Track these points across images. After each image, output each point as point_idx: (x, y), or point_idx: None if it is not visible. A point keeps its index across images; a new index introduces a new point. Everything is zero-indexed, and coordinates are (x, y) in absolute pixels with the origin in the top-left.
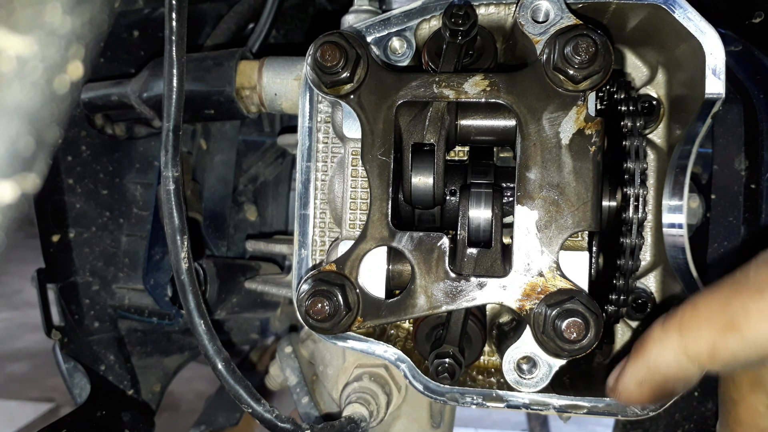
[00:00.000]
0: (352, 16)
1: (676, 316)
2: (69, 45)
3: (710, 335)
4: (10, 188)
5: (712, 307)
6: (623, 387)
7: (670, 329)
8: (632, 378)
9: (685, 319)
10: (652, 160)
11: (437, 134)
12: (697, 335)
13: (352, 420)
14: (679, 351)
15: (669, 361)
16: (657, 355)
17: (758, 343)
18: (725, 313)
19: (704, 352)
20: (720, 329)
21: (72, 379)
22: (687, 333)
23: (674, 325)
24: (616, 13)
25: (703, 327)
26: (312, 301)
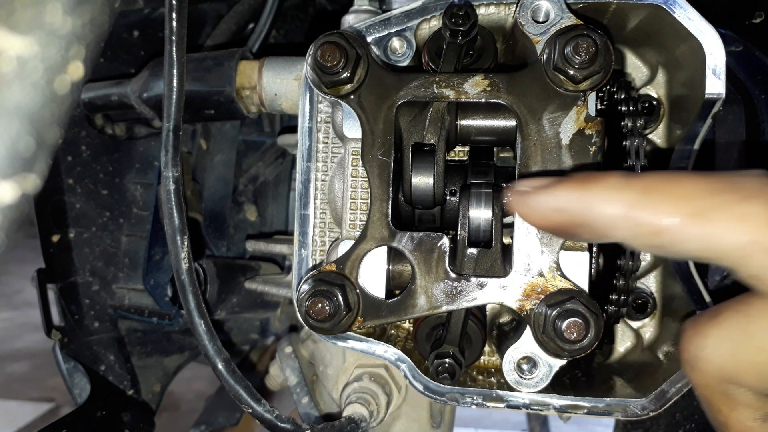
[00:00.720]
0: (352, 16)
1: (647, 176)
2: (69, 45)
3: (674, 213)
4: (11, 189)
5: (692, 186)
6: (538, 199)
7: (633, 185)
8: (557, 199)
9: (656, 185)
10: (652, 160)
11: (437, 134)
12: (659, 208)
13: (353, 420)
14: (628, 211)
15: (608, 213)
16: (603, 199)
17: (711, 244)
18: (704, 200)
19: (653, 227)
20: (688, 213)
21: (72, 379)
22: (650, 200)
23: (640, 184)
24: (616, 13)
25: (672, 203)
26: (312, 301)
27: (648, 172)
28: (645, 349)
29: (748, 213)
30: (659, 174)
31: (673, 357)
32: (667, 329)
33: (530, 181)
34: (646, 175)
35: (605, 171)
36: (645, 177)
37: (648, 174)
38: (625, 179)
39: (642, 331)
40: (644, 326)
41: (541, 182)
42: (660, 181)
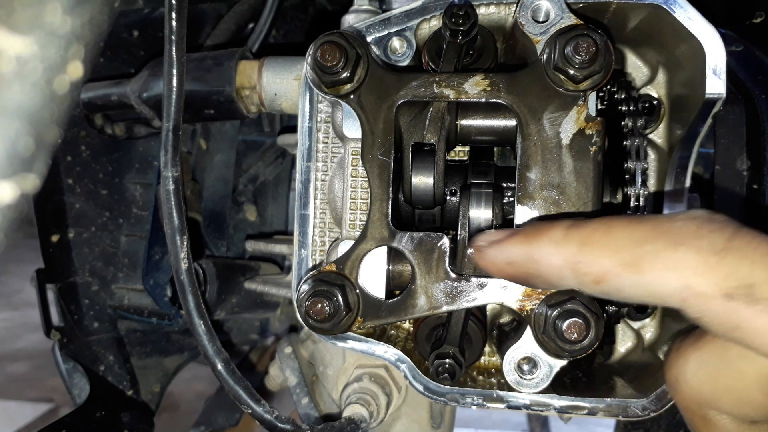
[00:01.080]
0: (352, 16)
1: (585, 228)
2: (69, 45)
3: (609, 264)
4: (10, 189)
5: (624, 237)
6: (493, 254)
7: (572, 238)
8: (508, 254)
9: (592, 237)
10: (652, 160)
11: (437, 134)
12: (595, 259)
13: (352, 421)
14: (569, 262)
15: (553, 265)
16: (546, 253)
17: (649, 291)
18: (634, 250)
19: (593, 276)
20: (621, 263)
21: (71, 380)
22: (587, 252)
23: (578, 237)
24: (617, 13)
25: (606, 254)
26: (312, 302)
27: (588, 222)
28: (646, 349)
29: (677, 259)
30: (597, 224)
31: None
32: (667, 329)
33: (487, 235)
34: (586, 226)
35: (551, 223)
36: (584, 228)
37: (587, 224)
38: (565, 232)
39: (643, 331)
40: (645, 326)
41: (495, 236)
42: (597, 231)
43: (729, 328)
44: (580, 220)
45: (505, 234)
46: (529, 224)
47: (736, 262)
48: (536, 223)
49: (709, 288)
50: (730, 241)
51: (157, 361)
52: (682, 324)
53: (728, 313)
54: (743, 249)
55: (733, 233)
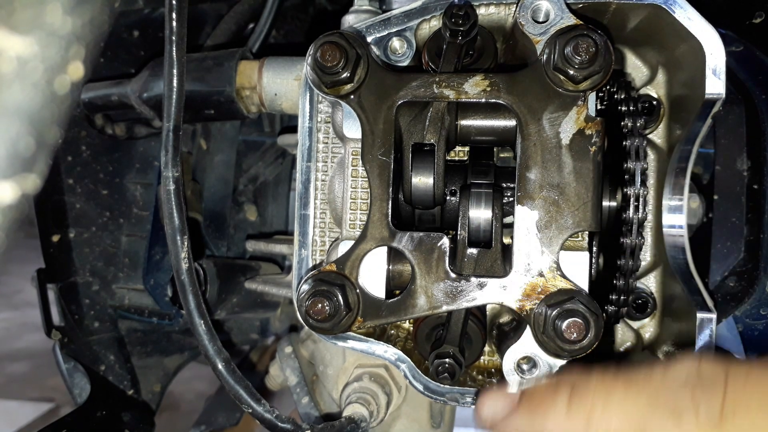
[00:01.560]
0: (353, 16)
1: (586, 400)
2: (69, 45)
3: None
4: (11, 189)
5: (626, 410)
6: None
7: (576, 413)
8: (515, 427)
9: (595, 411)
10: (652, 160)
11: (437, 134)
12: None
13: (353, 420)
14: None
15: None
16: (554, 428)
17: None
18: (639, 422)
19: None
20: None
21: (72, 379)
22: (594, 428)
23: (582, 411)
24: (616, 13)
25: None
26: (312, 302)
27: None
28: (645, 349)
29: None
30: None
31: (674, 357)
32: (667, 329)
33: (490, 402)
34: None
35: (551, 392)
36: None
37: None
38: (569, 404)
39: (642, 331)
40: (644, 326)
41: (499, 407)
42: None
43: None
44: (578, 387)
45: (508, 403)
46: (526, 394)
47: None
48: (532, 392)
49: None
50: (725, 404)
51: (158, 360)
52: (681, 324)
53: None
54: (740, 411)
55: (725, 393)
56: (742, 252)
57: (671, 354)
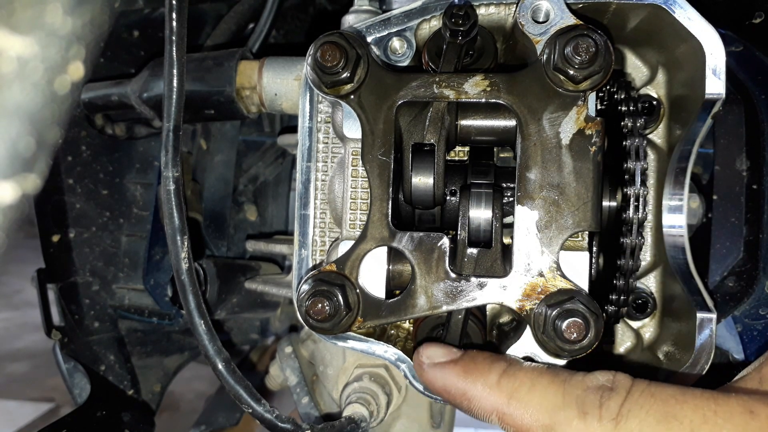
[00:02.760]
0: (353, 16)
1: (514, 381)
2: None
3: (529, 423)
4: (11, 189)
5: (544, 399)
6: (432, 375)
7: (503, 388)
8: (444, 382)
9: (519, 392)
10: (652, 160)
11: (437, 134)
12: (519, 416)
13: (353, 420)
14: (497, 411)
15: (483, 408)
16: (479, 395)
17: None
18: (551, 416)
19: (516, 429)
20: (540, 426)
21: (72, 379)
22: (513, 406)
23: (508, 388)
24: (616, 13)
25: (527, 414)
26: (312, 302)
27: (518, 373)
28: (645, 349)
29: (585, 427)
30: (525, 378)
31: (673, 357)
32: (667, 329)
33: (430, 350)
34: (515, 378)
35: (488, 362)
36: (514, 380)
37: (517, 376)
38: (498, 379)
39: (642, 331)
40: (644, 326)
41: (438, 357)
42: (523, 386)
43: None
44: (513, 366)
45: (447, 358)
46: (468, 355)
47: (627, 425)
48: (474, 356)
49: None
50: (622, 406)
51: (158, 360)
52: (681, 324)
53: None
54: (632, 411)
55: (626, 397)
56: (741, 252)
57: (671, 354)
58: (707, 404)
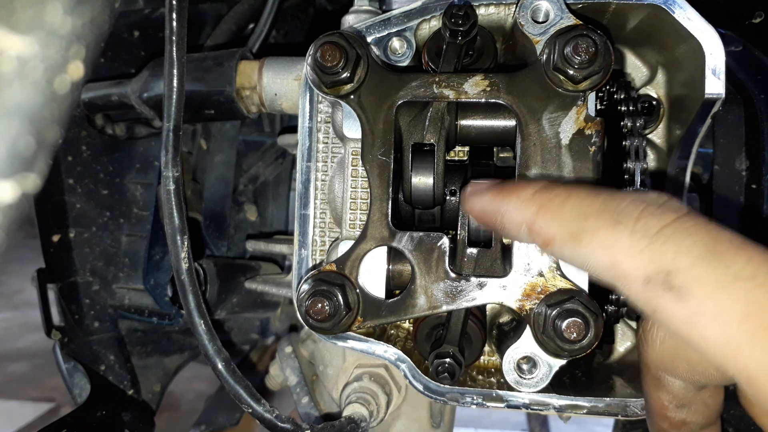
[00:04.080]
0: (352, 17)
1: (548, 193)
2: (70, 45)
3: (556, 232)
4: (11, 188)
5: (576, 208)
6: (471, 201)
7: (535, 201)
8: (482, 204)
9: (552, 203)
10: (651, 160)
11: (437, 134)
12: (547, 224)
13: (352, 420)
14: (527, 222)
15: (513, 221)
16: (511, 209)
17: (585, 263)
18: (579, 222)
19: (542, 239)
20: (566, 233)
21: (72, 379)
22: (542, 216)
23: (540, 200)
24: (616, 13)
25: (556, 222)
26: (312, 301)
27: (554, 188)
28: None
29: (611, 238)
30: (560, 191)
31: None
32: None
33: (474, 185)
34: (550, 191)
35: (527, 182)
36: (548, 193)
37: (553, 190)
38: (532, 194)
39: None
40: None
41: (479, 187)
42: (557, 198)
43: (649, 310)
44: (552, 184)
45: (487, 185)
46: (516, 181)
47: (662, 248)
48: (519, 181)
49: (632, 270)
50: (665, 227)
51: (158, 360)
52: None
53: (647, 296)
54: (675, 236)
55: (674, 219)
56: None
57: None
58: (764, 262)
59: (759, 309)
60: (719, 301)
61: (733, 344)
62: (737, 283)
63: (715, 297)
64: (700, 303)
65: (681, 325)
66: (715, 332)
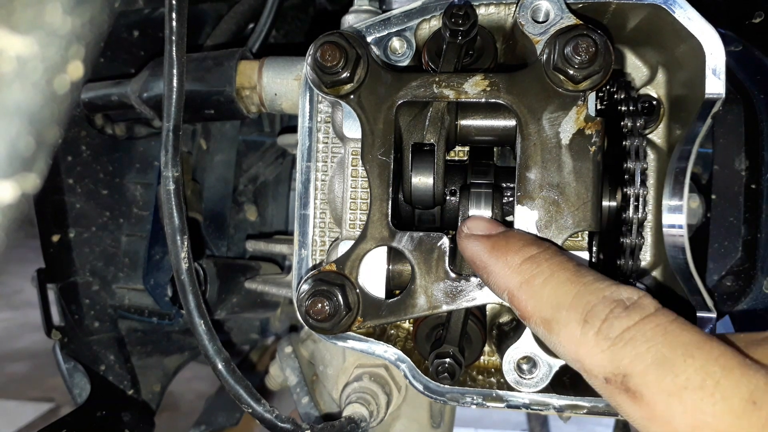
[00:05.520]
0: (352, 16)
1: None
2: (69, 45)
3: (531, 313)
4: (11, 188)
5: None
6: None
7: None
8: (472, 251)
9: (534, 281)
10: (652, 160)
11: (437, 134)
12: (525, 302)
13: (352, 420)
14: (509, 292)
15: (498, 285)
16: (497, 273)
17: (554, 348)
18: (552, 312)
19: (520, 313)
20: (540, 317)
21: (72, 379)
22: (523, 292)
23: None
24: (616, 13)
25: (533, 303)
26: (312, 301)
27: (542, 262)
28: None
29: (579, 335)
30: (546, 268)
31: None
32: None
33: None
34: (537, 266)
35: (517, 243)
36: (534, 268)
37: (540, 265)
38: (520, 263)
39: None
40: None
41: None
42: (540, 276)
43: (613, 404)
44: (541, 253)
45: (484, 231)
46: (505, 233)
47: (622, 351)
48: (510, 235)
49: (594, 368)
50: (627, 330)
51: (158, 360)
52: None
53: (608, 393)
54: (635, 339)
55: (636, 323)
56: (739, 252)
57: None
58: (715, 371)
59: (705, 420)
60: (668, 409)
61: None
62: (685, 393)
63: (665, 404)
64: (651, 408)
65: (639, 423)
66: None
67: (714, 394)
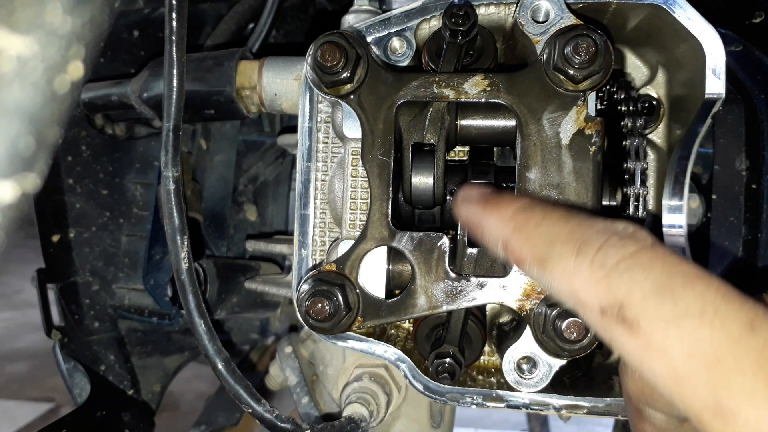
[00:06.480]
0: (352, 16)
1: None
2: (69, 45)
3: (525, 254)
4: (11, 188)
5: (546, 232)
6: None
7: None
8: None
9: (527, 225)
10: (652, 160)
11: (437, 134)
12: (520, 245)
13: (352, 420)
14: (503, 240)
15: (491, 237)
16: (491, 226)
17: (549, 287)
18: (546, 249)
19: (514, 258)
20: (534, 257)
21: (72, 379)
22: (516, 237)
23: (518, 221)
24: (616, 13)
25: (526, 245)
26: (312, 301)
27: (534, 209)
28: None
29: (573, 267)
30: (539, 213)
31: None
32: None
33: (467, 190)
34: (530, 212)
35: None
36: (527, 214)
37: (533, 211)
38: (513, 213)
39: None
40: None
41: (470, 194)
42: (533, 220)
43: (607, 339)
44: (533, 203)
45: (477, 193)
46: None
47: (618, 280)
48: (503, 194)
49: (589, 299)
50: (623, 259)
51: (158, 360)
52: None
53: (603, 326)
54: (631, 269)
55: (633, 252)
56: (739, 252)
57: None
58: (714, 299)
59: (703, 347)
60: (666, 337)
61: (678, 382)
62: (684, 320)
63: (662, 333)
64: (648, 338)
65: (634, 357)
66: (662, 368)
67: (713, 321)
